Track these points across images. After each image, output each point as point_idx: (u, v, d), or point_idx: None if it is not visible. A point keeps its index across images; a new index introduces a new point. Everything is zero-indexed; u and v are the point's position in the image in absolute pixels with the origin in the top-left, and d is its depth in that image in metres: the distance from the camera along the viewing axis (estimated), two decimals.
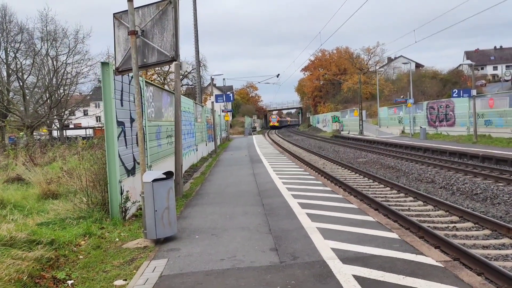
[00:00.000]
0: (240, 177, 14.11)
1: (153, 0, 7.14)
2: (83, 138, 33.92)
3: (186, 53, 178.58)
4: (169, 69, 40.99)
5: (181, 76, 51.46)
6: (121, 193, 8.15)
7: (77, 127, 51.62)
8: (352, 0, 19.42)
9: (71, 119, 44.41)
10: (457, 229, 8.60)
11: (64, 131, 39.12)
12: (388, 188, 13.48)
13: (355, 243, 6.07)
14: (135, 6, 6.99)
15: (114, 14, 7.36)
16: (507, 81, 72.10)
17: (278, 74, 65.92)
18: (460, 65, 65.44)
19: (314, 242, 6.23)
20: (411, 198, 11.71)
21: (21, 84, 33.34)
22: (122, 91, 8.69)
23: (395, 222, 8.14)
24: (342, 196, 9.89)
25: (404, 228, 7.84)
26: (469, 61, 37.63)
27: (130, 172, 8.98)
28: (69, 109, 37.86)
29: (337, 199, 9.41)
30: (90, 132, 43.67)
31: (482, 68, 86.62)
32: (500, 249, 7.29)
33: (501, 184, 12.95)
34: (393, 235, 6.46)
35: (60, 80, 33.85)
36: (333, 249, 5.84)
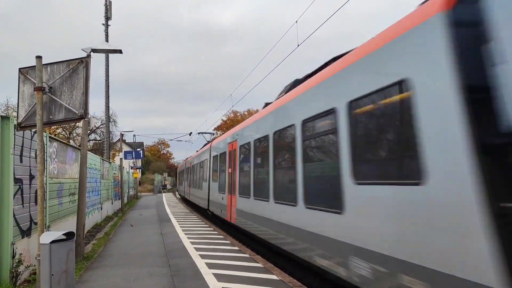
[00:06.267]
0: (147, 237, 13.69)
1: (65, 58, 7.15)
2: None
3: (96, 108, 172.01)
4: (75, 124, 39.31)
5: (88, 131, 48.67)
6: (13, 256, 7.52)
7: None
8: (260, 68, 21.05)
9: None
10: None
11: None
12: None
13: None
14: (44, 62, 6.93)
15: (20, 68, 7.18)
16: None
17: (191, 132, 66.16)
18: None
19: None
20: None
21: None
22: (22, 146, 8.27)
23: (298, 281, 8.45)
24: (249, 255, 10.07)
25: (306, 286, 8.16)
26: None
27: (26, 233, 8.35)
28: None
29: (244, 259, 9.57)
30: None
31: None
32: None
33: None
34: None
35: None
36: None
